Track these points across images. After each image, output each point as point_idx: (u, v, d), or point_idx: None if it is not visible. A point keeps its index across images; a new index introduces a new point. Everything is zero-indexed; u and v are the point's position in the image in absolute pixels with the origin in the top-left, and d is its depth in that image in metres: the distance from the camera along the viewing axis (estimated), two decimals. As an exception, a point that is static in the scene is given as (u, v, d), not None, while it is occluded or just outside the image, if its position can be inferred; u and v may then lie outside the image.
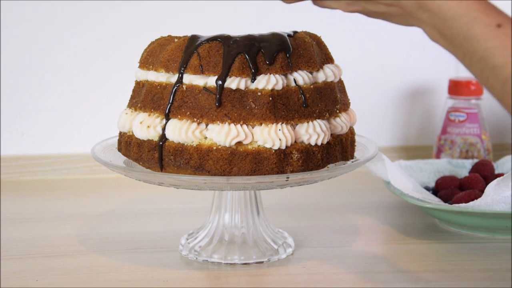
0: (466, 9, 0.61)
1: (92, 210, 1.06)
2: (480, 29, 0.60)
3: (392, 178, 0.98)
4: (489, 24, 0.60)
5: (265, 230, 0.87)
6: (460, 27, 0.61)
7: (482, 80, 0.61)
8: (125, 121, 0.83)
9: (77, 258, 0.86)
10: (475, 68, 0.61)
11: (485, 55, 0.60)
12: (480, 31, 0.60)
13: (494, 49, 0.59)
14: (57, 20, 1.24)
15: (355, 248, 0.90)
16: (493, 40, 0.59)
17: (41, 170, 1.25)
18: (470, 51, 0.61)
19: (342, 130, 0.82)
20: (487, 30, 0.60)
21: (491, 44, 0.59)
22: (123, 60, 1.20)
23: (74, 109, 1.26)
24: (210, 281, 0.81)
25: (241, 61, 0.76)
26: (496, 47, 0.59)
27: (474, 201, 0.91)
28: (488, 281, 0.80)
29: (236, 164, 0.76)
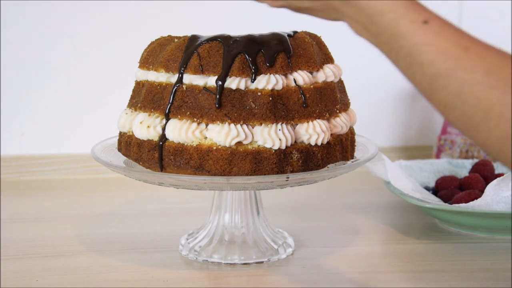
0: (393, 5, 0.61)
1: (92, 210, 1.06)
2: (407, 26, 0.60)
3: (392, 178, 0.98)
4: (416, 21, 0.60)
5: (265, 230, 0.87)
6: (387, 23, 0.61)
7: (409, 76, 0.62)
8: (125, 121, 0.83)
9: (77, 258, 0.86)
10: (402, 64, 0.62)
11: (412, 51, 0.60)
12: (407, 27, 0.60)
13: (421, 46, 0.60)
14: (57, 20, 1.24)
15: (355, 248, 0.90)
16: (420, 37, 0.60)
17: (41, 170, 1.25)
18: (396, 47, 0.61)
19: (342, 130, 0.82)
20: (414, 26, 0.60)
21: (418, 41, 0.60)
22: (123, 60, 1.20)
23: (74, 109, 1.26)
24: (210, 281, 0.81)
25: (241, 61, 0.76)
26: (423, 44, 0.59)
27: (474, 201, 0.91)
28: (488, 281, 0.80)
29: (236, 164, 0.76)
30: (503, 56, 0.58)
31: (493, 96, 0.56)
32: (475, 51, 0.58)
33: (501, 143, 0.56)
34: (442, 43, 0.59)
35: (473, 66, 0.57)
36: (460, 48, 0.59)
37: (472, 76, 0.57)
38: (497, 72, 0.57)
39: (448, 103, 0.59)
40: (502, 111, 0.55)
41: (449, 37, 0.59)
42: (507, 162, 0.57)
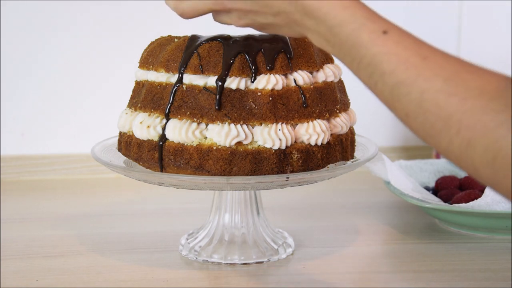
0: (352, 16, 0.62)
1: (92, 210, 1.06)
2: (367, 36, 0.61)
3: (392, 178, 0.98)
4: (376, 31, 0.61)
5: (265, 230, 0.87)
6: (347, 34, 0.62)
7: (370, 86, 0.62)
8: (125, 121, 0.83)
9: (77, 258, 0.86)
10: (363, 74, 0.62)
11: (373, 61, 0.60)
12: (367, 37, 0.61)
13: (382, 55, 0.60)
14: (57, 20, 1.24)
15: (355, 248, 0.90)
16: (380, 46, 0.60)
17: (41, 170, 1.25)
18: (358, 58, 0.61)
19: (342, 130, 0.82)
20: (374, 36, 0.60)
21: (378, 50, 0.60)
22: (123, 60, 1.20)
23: (74, 109, 1.26)
24: (210, 281, 0.81)
25: (241, 61, 0.76)
26: (384, 53, 0.60)
27: (474, 201, 0.91)
28: (488, 281, 0.80)
29: (236, 164, 0.76)
30: (462, 63, 0.59)
31: (453, 104, 0.56)
32: (434, 60, 0.59)
33: (461, 151, 0.56)
34: (402, 53, 0.59)
35: (433, 74, 0.58)
36: (420, 57, 0.59)
37: (432, 84, 0.58)
38: (456, 80, 0.57)
39: (410, 112, 0.59)
40: (461, 118, 0.56)
41: (408, 47, 0.60)
42: (468, 170, 0.57)
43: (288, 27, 0.67)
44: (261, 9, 0.67)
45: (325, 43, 0.64)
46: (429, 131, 0.58)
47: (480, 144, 0.55)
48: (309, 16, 0.64)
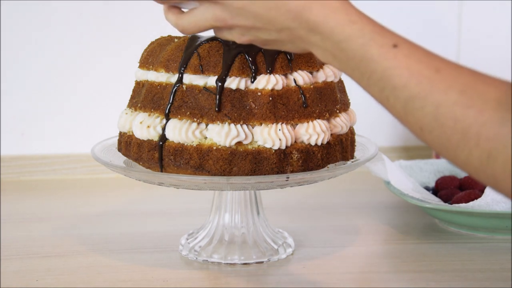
0: (360, 30, 0.61)
1: (92, 210, 1.06)
2: (377, 50, 0.60)
3: (392, 178, 0.98)
4: (385, 45, 0.60)
5: (265, 230, 0.87)
6: (356, 49, 0.61)
7: (382, 100, 0.61)
8: (125, 121, 0.83)
9: (77, 258, 0.86)
10: (374, 89, 0.61)
11: (384, 75, 0.59)
12: (377, 51, 0.60)
13: (393, 70, 0.59)
14: (57, 20, 1.24)
15: (355, 248, 0.90)
16: (391, 60, 0.59)
17: (41, 170, 1.25)
18: (368, 72, 0.60)
19: (342, 130, 0.82)
20: (384, 50, 0.60)
21: (389, 64, 0.59)
22: (123, 60, 1.20)
23: (74, 109, 1.26)
24: (210, 281, 0.81)
25: (241, 61, 0.76)
26: (395, 68, 0.59)
27: (474, 201, 0.91)
28: (488, 281, 0.80)
29: (236, 164, 0.76)
30: (475, 74, 0.58)
31: (470, 116, 0.56)
32: (447, 72, 0.58)
33: (481, 163, 0.55)
34: (414, 66, 0.59)
35: (447, 86, 0.57)
36: (432, 69, 0.58)
37: (447, 97, 0.57)
38: (472, 91, 0.56)
39: (425, 126, 0.58)
40: (480, 131, 0.55)
41: (420, 59, 0.59)
42: (488, 181, 0.56)
43: (292, 43, 0.66)
44: (264, 26, 0.66)
45: (331, 59, 0.63)
46: (445, 144, 0.57)
47: (501, 155, 0.54)
48: (314, 31, 0.63)
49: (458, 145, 0.56)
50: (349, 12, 0.62)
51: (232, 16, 0.67)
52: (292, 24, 0.64)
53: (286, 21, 0.64)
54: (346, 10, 0.62)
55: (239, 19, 0.66)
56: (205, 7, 0.68)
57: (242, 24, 0.67)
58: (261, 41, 0.68)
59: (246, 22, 0.66)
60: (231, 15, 0.67)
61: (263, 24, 0.65)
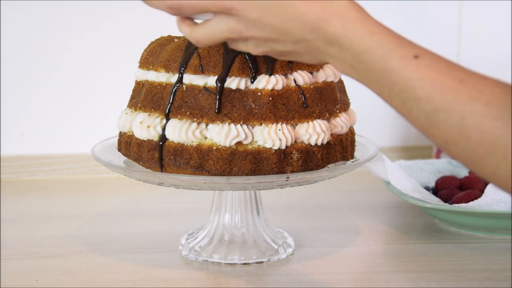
0: (380, 42, 0.59)
1: (92, 210, 1.06)
2: (397, 62, 0.59)
3: (392, 178, 0.98)
4: (406, 56, 0.59)
5: (265, 230, 0.87)
6: (376, 61, 0.60)
7: (404, 112, 0.60)
8: (125, 121, 0.83)
9: (77, 258, 0.86)
10: (395, 101, 0.60)
11: (406, 87, 0.58)
12: (397, 63, 0.59)
13: (415, 81, 0.58)
14: (57, 19, 1.24)
15: (355, 248, 0.90)
16: (412, 72, 0.58)
17: (41, 170, 1.25)
18: (388, 84, 0.59)
19: (342, 130, 0.82)
20: (404, 61, 0.58)
21: (410, 76, 0.58)
22: (123, 60, 1.20)
23: (74, 109, 1.26)
24: (210, 281, 0.81)
25: (241, 61, 0.76)
26: (417, 79, 0.58)
27: (474, 201, 0.91)
28: (488, 281, 0.80)
29: (236, 164, 0.76)
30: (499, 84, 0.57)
31: (497, 128, 0.55)
32: (471, 83, 0.57)
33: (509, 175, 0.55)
34: (436, 77, 0.57)
35: (472, 98, 0.56)
36: (455, 80, 0.57)
37: (473, 109, 0.56)
38: (498, 102, 0.55)
39: (450, 138, 0.57)
40: (508, 142, 0.54)
41: (442, 70, 0.58)
42: None
43: (309, 54, 0.65)
44: (280, 37, 0.64)
45: (350, 70, 0.62)
46: (472, 157, 0.57)
47: None
48: (332, 43, 0.62)
49: (485, 157, 0.56)
50: (368, 23, 0.61)
51: (247, 28, 0.65)
52: (309, 36, 0.63)
53: (303, 33, 0.63)
54: (365, 21, 0.61)
55: (254, 30, 0.65)
56: (219, 18, 0.66)
57: (258, 36, 0.65)
58: (277, 53, 0.67)
59: (261, 34, 0.65)
60: (246, 27, 0.65)
61: (279, 35, 0.64)
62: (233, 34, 0.66)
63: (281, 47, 0.66)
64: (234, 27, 0.66)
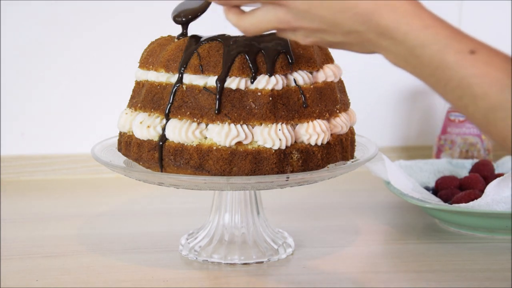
0: (435, 36, 0.58)
1: (92, 210, 1.06)
2: (453, 57, 0.57)
3: (392, 178, 0.98)
4: (462, 51, 0.57)
5: (265, 230, 0.87)
6: (431, 56, 0.58)
7: (460, 108, 0.59)
8: (125, 121, 0.83)
9: (77, 258, 0.86)
10: (451, 96, 0.59)
11: (462, 83, 0.57)
12: (453, 58, 0.57)
13: (471, 78, 0.57)
14: (57, 20, 1.24)
15: (355, 248, 0.90)
16: (468, 68, 0.57)
17: (41, 170, 1.25)
18: (444, 80, 0.58)
19: (342, 130, 0.82)
20: (460, 57, 0.57)
21: (467, 72, 0.57)
22: (123, 60, 1.20)
23: (74, 109, 1.26)
24: (210, 281, 0.81)
25: (241, 61, 0.76)
26: (474, 76, 0.57)
27: (474, 201, 0.91)
28: (488, 281, 0.80)
29: (236, 164, 0.76)
30: None
31: None
32: None
33: None
34: (493, 74, 0.56)
35: None
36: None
37: None
38: None
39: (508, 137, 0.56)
40: None
41: (500, 66, 0.56)
42: None
43: (360, 45, 0.64)
44: (330, 28, 0.63)
45: (403, 64, 0.61)
46: None
47: None
48: (385, 36, 0.60)
49: None
50: (422, 15, 0.59)
51: (296, 19, 0.64)
52: (361, 28, 0.61)
53: (354, 24, 0.62)
54: (419, 14, 0.59)
55: (303, 21, 0.64)
56: (267, 8, 0.66)
57: (307, 27, 0.64)
58: (327, 43, 0.66)
59: (311, 25, 0.64)
60: (295, 18, 0.64)
61: (329, 26, 0.63)
62: (281, 24, 0.66)
63: (331, 38, 0.64)
64: (282, 17, 0.65)
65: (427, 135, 1.33)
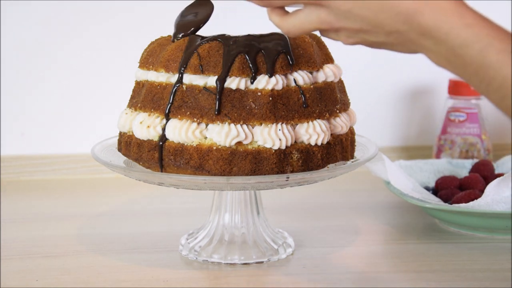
0: (477, 35, 0.57)
1: (92, 210, 1.06)
2: (495, 56, 0.57)
3: (392, 178, 0.98)
4: (504, 50, 0.57)
5: (265, 230, 0.87)
6: (473, 55, 0.58)
7: (503, 108, 0.58)
8: (125, 121, 0.83)
9: (77, 258, 0.86)
10: (494, 96, 0.58)
11: (505, 84, 0.56)
12: (495, 58, 0.57)
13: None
14: (57, 20, 1.24)
15: (355, 248, 0.90)
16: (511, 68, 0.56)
17: (41, 170, 1.25)
18: (486, 79, 0.57)
19: (342, 130, 0.82)
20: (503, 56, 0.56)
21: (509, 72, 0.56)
22: (123, 60, 1.20)
23: (74, 109, 1.26)
24: (210, 281, 0.81)
25: (241, 61, 0.76)
26: None
27: (474, 201, 0.91)
28: (488, 281, 0.79)
29: (236, 164, 0.76)
30: None
31: None
32: None
33: None
34: None
35: None
36: None
37: None
38: None
39: None
40: None
41: None
42: None
43: (403, 45, 0.64)
44: (372, 29, 0.63)
45: (446, 63, 0.61)
46: None
47: None
48: (426, 36, 0.60)
49: None
50: (464, 14, 0.59)
51: (338, 20, 0.65)
52: (402, 28, 0.61)
53: (395, 24, 0.61)
54: (461, 12, 0.59)
55: (345, 22, 0.64)
56: (310, 9, 0.66)
57: (349, 27, 0.65)
58: (369, 43, 0.66)
59: (353, 25, 0.64)
60: (337, 18, 0.65)
61: (371, 27, 0.63)
62: (323, 25, 0.66)
63: (373, 38, 0.65)
64: (324, 18, 0.65)
65: (427, 135, 1.33)
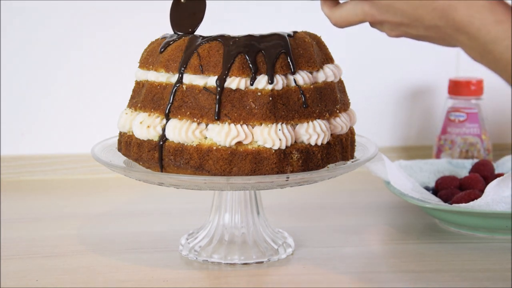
0: (506, 31, 0.58)
1: (92, 210, 1.06)
2: None
3: (392, 178, 0.98)
4: None
5: (265, 230, 0.87)
6: (502, 52, 0.59)
7: None
8: (125, 121, 0.83)
9: (77, 258, 0.86)
10: None
11: None
12: None
13: None
14: (57, 20, 1.24)
15: (355, 248, 0.90)
16: None
17: (41, 170, 1.25)
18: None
19: (342, 130, 0.82)
20: None
21: None
22: (123, 60, 1.20)
23: (74, 109, 1.26)
24: (210, 281, 0.81)
25: (241, 61, 0.76)
26: None
27: (474, 201, 0.91)
28: (488, 281, 0.80)
29: (236, 164, 0.76)
30: None
31: None
32: None
33: None
34: None
35: None
36: None
37: None
38: None
39: None
40: None
41: None
42: None
43: (442, 39, 0.65)
44: (412, 22, 0.65)
45: (480, 58, 0.62)
46: None
47: None
48: (460, 31, 0.61)
49: None
50: (496, 11, 0.60)
51: (380, 13, 0.67)
52: (439, 23, 0.63)
53: (433, 19, 0.63)
54: (493, 8, 0.60)
55: (387, 15, 0.67)
56: (355, 2, 0.69)
57: (391, 20, 0.67)
58: (412, 36, 0.68)
59: (394, 19, 0.66)
60: (379, 12, 0.67)
61: (411, 21, 0.65)
62: (367, 18, 0.69)
63: (414, 32, 0.66)
64: (368, 11, 0.68)
65: (427, 135, 1.33)
